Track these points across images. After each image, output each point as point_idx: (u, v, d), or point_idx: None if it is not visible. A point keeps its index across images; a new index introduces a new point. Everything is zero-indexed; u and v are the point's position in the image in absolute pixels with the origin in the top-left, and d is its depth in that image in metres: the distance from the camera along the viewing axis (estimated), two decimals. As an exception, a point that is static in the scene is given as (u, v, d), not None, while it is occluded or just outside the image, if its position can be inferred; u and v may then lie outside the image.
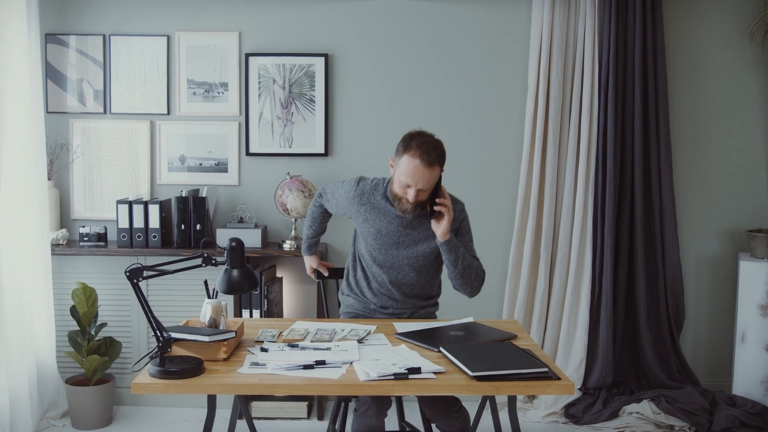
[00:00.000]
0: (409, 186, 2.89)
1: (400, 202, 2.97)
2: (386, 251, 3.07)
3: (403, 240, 3.06)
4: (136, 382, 2.33)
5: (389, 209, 3.05)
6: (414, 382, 2.33)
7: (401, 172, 2.90)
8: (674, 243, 4.32)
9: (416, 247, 3.07)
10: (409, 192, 2.90)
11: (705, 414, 3.98)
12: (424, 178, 2.87)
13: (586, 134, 4.23)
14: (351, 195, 3.12)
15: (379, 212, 3.06)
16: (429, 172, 2.87)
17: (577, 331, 4.29)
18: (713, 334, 4.52)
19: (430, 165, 2.87)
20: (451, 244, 2.97)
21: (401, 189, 2.94)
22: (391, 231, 3.05)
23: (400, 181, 2.92)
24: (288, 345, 2.66)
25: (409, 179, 2.88)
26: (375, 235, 3.07)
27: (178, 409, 4.23)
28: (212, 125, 4.36)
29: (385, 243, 3.07)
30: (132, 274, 2.39)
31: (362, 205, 3.09)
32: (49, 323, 4.03)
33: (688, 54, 4.39)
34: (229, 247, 2.61)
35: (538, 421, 4.11)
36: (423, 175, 2.86)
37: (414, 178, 2.87)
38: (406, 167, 2.88)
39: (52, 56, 4.31)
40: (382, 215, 3.06)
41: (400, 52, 4.36)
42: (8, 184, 3.71)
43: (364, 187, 3.11)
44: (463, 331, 2.85)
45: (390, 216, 3.05)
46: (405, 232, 3.06)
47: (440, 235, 2.96)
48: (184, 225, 4.13)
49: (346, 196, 3.13)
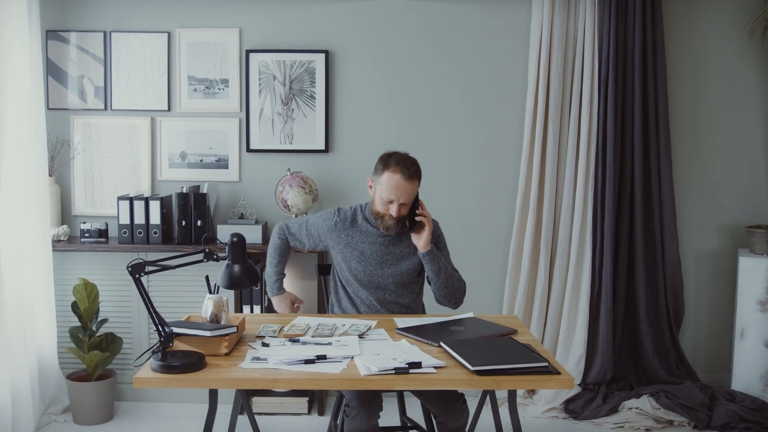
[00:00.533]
0: (392, 201, 3.01)
1: (383, 220, 3.07)
2: (371, 272, 3.13)
3: (387, 259, 3.14)
4: (138, 376, 2.34)
5: (371, 230, 3.14)
6: (414, 376, 2.35)
7: (383, 189, 3.02)
8: (674, 238, 4.32)
9: (399, 264, 3.15)
10: (392, 207, 3.02)
11: (704, 409, 3.99)
12: (405, 192, 2.99)
13: (586, 130, 4.24)
14: (332, 223, 3.17)
15: (362, 234, 3.15)
16: (410, 186, 3.00)
17: (577, 327, 4.30)
18: (713, 329, 4.53)
19: (410, 179, 3.00)
20: (433, 254, 3.08)
21: (383, 206, 3.05)
22: (374, 252, 3.13)
23: (382, 198, 3.03)
24: (289, 340, 2.67)
25: (391, 194, 3.00)
26: (359, 258, 3.13)
27: (180, 405, 4.24)
28: (213, 121, 4.37)
29: (370, 264, 3.13)
30: (134, 269, 2.40)
31: (345, 230, 3.16)
32: (51, 319, 4.03)
33: (688, 50, 4.39)
34: (230, 242, 2.62)
35: (537, 416, 4.12)
36: (404, 188, 2.99)
37: (396, 193, 2.99)
38: (387, 183, 3.00)
39: (52, 53, 4.32)
40: (365, 237, 3.14)
41: (401, 49, 4.37)
42: (9, 181, 3.71)
43: (345, 214, 3.19)
44: (464, 326, 2.86)
45: (372, 236, 3.14)
46: (387, 250, 3.14)
47: (422, 246, 3.06)
48: (184, 221, 4.14)
49: (326, 225, 3.18)
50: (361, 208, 3.21)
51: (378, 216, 3.09)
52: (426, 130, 4.40)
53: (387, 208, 3.03)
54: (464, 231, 4.41)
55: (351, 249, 3.14)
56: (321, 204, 4.36)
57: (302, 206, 4.11)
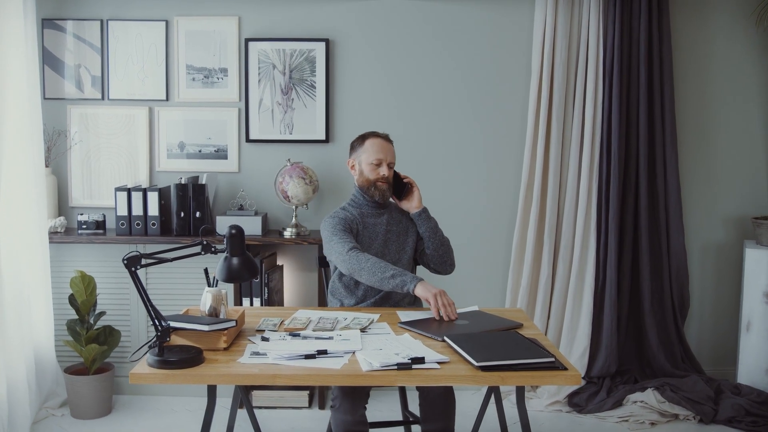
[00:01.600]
0: (380, 162, 3.18)
1: (376, 187, 3.19)
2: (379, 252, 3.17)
3: (390, 247, 3.21)
4: (134, 372, 2.29)
5: (367, 221, 3.21)
6: (417, 372, 2.29)
7: (369, 154, 3.19)
8: (679, 230, 4.28)
9: (404, 249, 3.25)
10: (382, 169, 3.18)
11: (710, 403, 3.95)
12: (390, 151, 3.22)
13: (590, 120, 4.18)
14: (342, 218, 3.16)
15: (365, 226, 3.20)
16: (390, 146, 3.24)
17: (581, 320, 4.26)
18: (718, 322, 4.49)
19: (388, 140, 3.26)
20: (427, 213, 3.25)
21: (373, 171, 3.19)
22: (377, 233, 3.21)
23: (371, 162, 3.18)
24: (289, 334, 2.62)
25: (379, 154, 3.18)
26: (367, 248, 3.16)
27: (179, 398, 4.20)
28: (212, 111, 4.31)
29: (377, 246, 3.18)
30: (130, 262, 2.34)
31: (353, 223, 3.18)
32: (48, 312, 4.00)
33: (694, 40, 4.33)
34: (228, 234, 2.56)
35: (541, 410, 4.08)
36: (388, 148, 3.22)
37: (383, 153, 3.19)
38: (372, 147, 3.20)
39: (49, 42, 4.26)
40: (365, 229, 3.20)
41: (403, 37, 4.31)
42: (5, 172, 3.67)
43: (340, 214, 3.20)
44: (468, 320, 2.81)
45: (370, 227, 3.21)
46: (386, 237, 3.22)
47: (415, 205, 3.25)
48: (183, 212, 4.09)
49: (345, 221, 3.15)
50: (348, 204, 3.27)
51: (370, 185, 3.19)
52: (428, 120, 4.34)
53: (377, 172, 3.17)
54: (466, 223, 4.36)
55: (359, 240, 3.15)
56: (321, 194, 4.31)
57: (302, 197, 4.06)
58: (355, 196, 3.27)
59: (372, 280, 2.87)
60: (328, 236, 3.09)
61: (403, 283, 2.82)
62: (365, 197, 3.23)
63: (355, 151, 3.25)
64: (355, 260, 2.91)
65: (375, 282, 2.87)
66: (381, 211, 3.25)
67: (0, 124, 3.62)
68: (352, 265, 2.91)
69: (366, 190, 3.20)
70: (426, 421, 2.90)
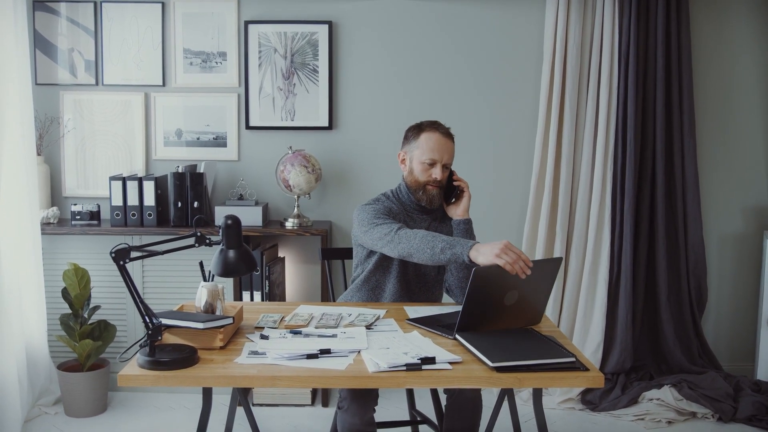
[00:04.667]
0: (434, 163, 2.86)
1: (425, 191, 2.89)
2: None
3: None
4: (123, 373, 2.15)
5: (413, 216, 2.95)
6: (428, 373, 2.13)
7: (423, 152, 2.86)
8: (697, 221, 4.16)
9: None
10: (435, 170, 2.86)
11: (729, 400, 3.83)
12: (447, 150, 2.88)
13: (605, 106, 4.06)
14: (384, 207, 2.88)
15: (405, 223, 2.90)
16: (450, 144, 2.90)
17: (595, 314, 4.14)
18: (736, 316, 4.39)
19: (448, 135, 2.91)
20: (470, 225, 2.92)
21: (424, 172, 2.87)
22: None
23: (423, 161, 2.86)
24: (290, 332, 2.47)
25: (434, 154, 2.85)
26: None
27: (176, 395, 4.08)
28: (210, 97, 4.18)
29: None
30: (118, 256, 2.18)
31: (395, 215, 2.90)
32: (40, 306, 3.89)
33: (713, 25, 4.20)
34: (224, 225, 2.40)
35: (553, 408, 3.95)
36: (446, 146, 2.87)
37: (439, 152, 2.86)
38: (427, 143, 2.86)
39: (40, 25, 4.12)
40: (408, 224, 2.92)
41: (408, 20, 4.18)
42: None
43: (384, 203, 2.92)
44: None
45: (413, 221, 2.94)
46: (430, 227, 2.96)
47: (461, 212, 2.92)
48: (180, 202, 3.96)
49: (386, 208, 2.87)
50: (391, 194, 2.98)
51: (419, 187, 2.88)
52: (435, 107, 4.21)
53: (429, 174, 2.86)
54: (476, 213, 4.20)
55: None
56: (324, 183, 4.18)
57: (305, 186, 3.92)
58: (401, 191, 2.96)
59: (423, 258, 2.61)
60: (369, 219, 2.80)
61: (455, 255, 2.52)
62: (411, 197, 2.93)
63: (408, 143, 2.91)
64: (405, 240, 2.63)
65: (428, 260, 2.61)
66: (424, 216, 2.97)
67: (-12, 110, 3.50)
68: (402, 247, 2.64)
69: (414, 191, 2.90)
70: (451, 424, 2.74)
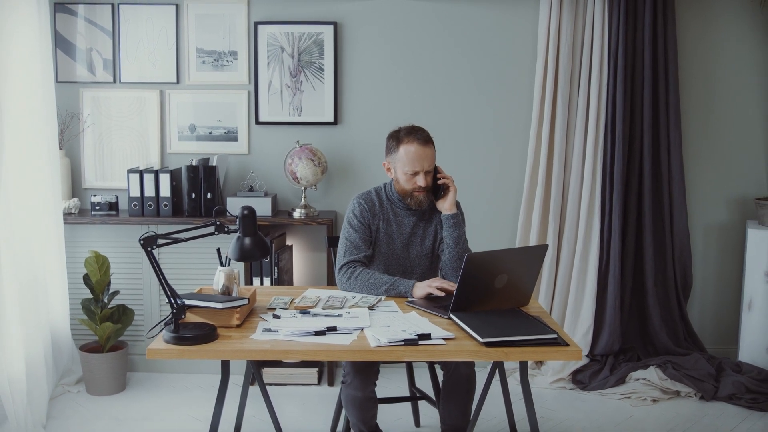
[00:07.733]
0: (417, 173, 2.96)
1: (413, 197, 3.02)
2: (398, 254, 3.10)
3: (413, 240, 3.10)
4: (151, 348, 2.37)
5: (398, 212, 3.10)
6: (424, 347, 2.37)
7: (404, 164, 2.97)
8: (682, 211, 4.31)
9: (424, 244, 3.12)
10: (418, 179, 2.96)
11: (711, 380, 4.01)
12: (427, 158, 2.96)
13: (595, 101, 4.21)
14: (365, 209, 3.05)
15: (389, 218, 3.09)
16: (428, 151, 2.97)
17: (585, 299, 4.31)
18: (720, 301, 4.54)
19: (426, 143, 2.97)
20: (457, 219, 3.05)
21: (409, 182, 2.99)
22: (402, 233, 3.09)
23: (405, 172, 2.97)
24: (300, 312, 2.70)
25: (414, 165, 2.95)
26: (387, 242, 3.09)
27: (191, 376, 4.28)
28: (222, 94, 4.36)
29: (398, 246, 3.10)
30: (146, 242, 2.42)
31: (375, 215, 3.07)
32: (63, 291, 4.06)
33: (699, 22, 4.34)
34: (241, 215, 2.63)
35: (545, 387, 4.15)
36: (424, 155, 2.96)
37: (420, 162, 2.95)
38: (406, 156, 2.96)
39: (61, 26, 4.31)
40: (393, 219, 3.09)
41: (410, 20, 4.33)
42: (20, 154, 3.71)
43: (367, 197, 3.09)
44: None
45: (399, 217, 3.09)
46: (413, 231, 3.10)
47: (447, 207, 3.04)
48: (194, 194, 4.15)
49: (363, 216, 3.05)
50: (382, 188, 3.13)
51: (406, 195, 3.02)
52: (435, 103, 4.38)
53: (413, 183, 2.98)
54: (473, 203, 4.39)
55: (380, 233, 3.09)
56: (330, 176, 4.36)
57: (311, 178, 4.12)
58: (392, 190, 3.09)
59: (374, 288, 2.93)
60: (344, 227, 3.07)
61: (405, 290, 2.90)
62: (401, 199, 3.07)
63: (390, 154, 3.02)
64: (346, 283, 2.97)
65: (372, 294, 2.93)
66: (411, 217, 3.10)
67: (14, 107, 3.66)
68: (342, 286, 2.99)
69: (402, 198, 3.04)
70: (447, 399, 2.97)
